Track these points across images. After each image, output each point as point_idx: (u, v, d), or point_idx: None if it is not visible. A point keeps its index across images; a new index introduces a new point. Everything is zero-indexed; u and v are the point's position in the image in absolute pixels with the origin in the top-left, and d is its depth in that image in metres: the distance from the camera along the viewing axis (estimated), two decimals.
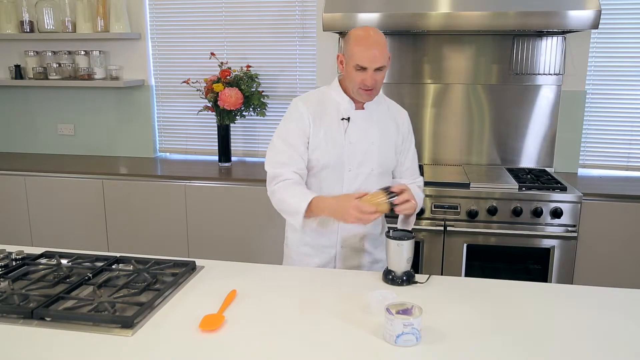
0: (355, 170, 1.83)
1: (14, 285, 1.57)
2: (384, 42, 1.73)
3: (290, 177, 1.78)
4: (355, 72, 1.73)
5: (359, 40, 1.72)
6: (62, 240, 3.17)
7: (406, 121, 1.94)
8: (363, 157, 1.83)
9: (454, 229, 2.63)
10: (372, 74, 1.72)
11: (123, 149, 3.61)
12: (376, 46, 1.71)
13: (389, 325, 1.28)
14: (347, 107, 1.83)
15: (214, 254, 2.95)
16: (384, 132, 1.86)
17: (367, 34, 1.73)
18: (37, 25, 3.42)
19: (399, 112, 1.94)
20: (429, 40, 3.07)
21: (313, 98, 1.86)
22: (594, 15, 2.48)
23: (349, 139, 1.81)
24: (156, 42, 3.46)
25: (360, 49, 1.70)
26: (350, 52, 1.73)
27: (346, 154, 1.81)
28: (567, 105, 3.04)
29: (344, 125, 1.82)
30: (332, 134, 1.81)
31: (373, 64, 1.71)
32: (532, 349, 1.26)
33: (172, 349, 1.26)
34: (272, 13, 3.28)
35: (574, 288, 1.63)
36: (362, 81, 1.73)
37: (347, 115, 1.82)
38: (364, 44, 1.71)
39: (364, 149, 1.83)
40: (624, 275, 2.64)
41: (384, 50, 1.72)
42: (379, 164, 1.85)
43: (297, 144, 1.80)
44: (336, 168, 1.82)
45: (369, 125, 1.84)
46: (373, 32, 1.74)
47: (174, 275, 1.64)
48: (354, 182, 1.83)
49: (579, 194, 2.56)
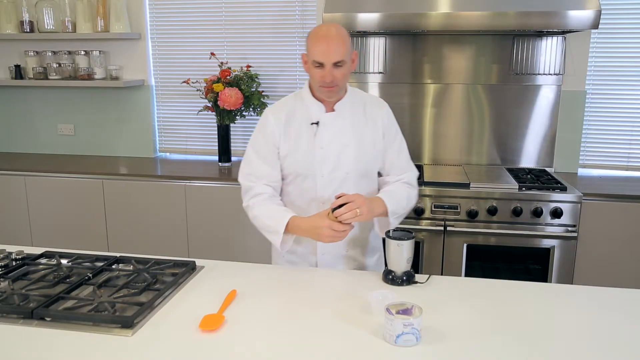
0: (327, 176, 1.77)
1: (14, 285, 1.57)
2: (342, 37, 1.67)
3: (263, 192, 1.76)
4: (315, 69, 1.69)
5: (314, 36, 1.68)
6: (62, 240, 3.16)
7: (386, 116, 1.85)
8: (336, 162, 1.77)
9: (454, 229, 2.63)
10: (330, 69, 1.67)
11: (123, 149, 3.61)
12: (332, 41, 1.65)
13: (389, 325, 1.28)
14: (317, 110, 1.78)
15: (214, 254, 2.95)
16: (360, 133, 1.79)
17: (323, 30, 1.68)
18: (37, 25, 3.42)
19: (377, 107, 1.85)
20: (429, 40, 3.07)
21: (283, 106, 1.81)
22: (594, 15, 2.48)
23: (319, 144, 1.76)
24: (156, 42, 3.46)
25: (316, 45, 1.66)
26: (309, 48, 1.70)
27: (317, 160, 1.76)
28: (567, 105, 3.04)
29: (313, 130, 1.77)
30: (301, 141, 1.77)
31: (329, 59, 1.65)
32: (532, 349, 1.26)
33: (172, 349, 1.26)
34: (272, 13, 3.28)
35: (574, 288, 1.63)
36: (321, 77, 1.68)
37: (316, 120, 1.77)
38: (320, 39, 1.66)
39: (336, 153, 1.77)
40: (624, 275, 2.64)
41: (342, 45, 1.66)
42: (356, 167, 1.79)
43: (268, 156, 1.78)
44: (308, 175, 1.78)
45: (342, 127, 1.78)
46: (331, 27, 1.69)
47: (174, 275, 1.64)
48: (327, 188, 1.78)
49: (579, 194, 2.56)
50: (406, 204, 1.81)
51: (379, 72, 3.14)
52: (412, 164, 1.92)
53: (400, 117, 3.15)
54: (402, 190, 1.82)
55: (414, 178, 1.90)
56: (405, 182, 1.86)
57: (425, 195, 2.65)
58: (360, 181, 1.81)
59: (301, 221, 1.68)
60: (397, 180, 1.86)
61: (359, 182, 1.80)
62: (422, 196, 2.65)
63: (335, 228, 1.60)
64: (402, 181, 1.85)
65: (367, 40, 3.12)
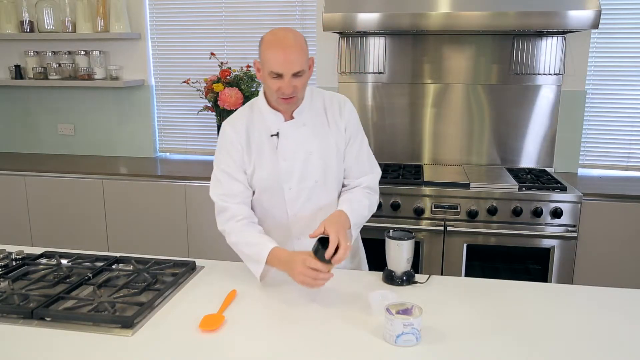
0: (295, 187, 1.69)
1: (14, 285, 1.57)
2: (301, 45, 1.54)
3: (240, 214, 1.65)
4: (271, 80, 1.55)
5: (271, 44, 1.54)
6: (62, 240, 3.17)
7: (346, 114, 1.72)
8: (303, 172, 1.68)
9: (454, 229, 2.63)
10: (289, 80, 1.54)
11: (123, 149, 3.61)
12: (291, 49, 1.52)
13: (389, 325, 1.28)
14: (275, 120, 1.67)
15: (214, 254, 2.95)
16: (323, 138, 1.69)
17: (280, 36, 1.54)
18: (37, 25, 3.42)
19: (337, 107, 1.72)
20: (429, 40, 3.07)
21: (241, 119, 1.69)
22: (594, 15, 2.48)
23: (282, 156, 1.67)
24: (156, 42, 3.46)
25: (273, 54, 1.52)
26: (264, 57, 1.55)
27: (282, 173, 1.67)
28: (567, 105, 3.04)
29: (274, 142, 1.67)
30: (264, 155, 1.67)
31: (289, 70, 1.52)
32: (532, 349, 1.26)
33: (172, 349, 1.26)
34: (272, 13, 3.28)
35: (574, 288, 1.63)
36: (279, 89, 1.56)
37: (275, 131, 1.66)
38: (277, 47, 1.52)
39: (301, 163, 1.67)
40: (624, 275, 2.64)
41: (301, 54, 1.54)
42: (323, 174, 1.69)
43: (235, 172, 1.68)
44: (275, 188, 1.69)
45: (303, 134, 1.67)
46: (288, 33, 1.55)
47: (174, 275, 1.64)
48: (297, 200, 1.70)
49: (579, 194, 2.56)
50: (367, 213, 1.72)
51: (379, 72, 3.15)
52: (373, 165, 1.80)
53: (400, 117, 3.17)
54: (364, 199, 1.71)
55: (375, 181, 1.78)
56: (365, 187, 1.74)
57: (425, 195, 2.66)
58: (330, 187, 1.73)
59: (281, 255, 1.54)
60: (356, 185, 1.75)
61: (329, 189, 1.73)
62: (422, 196, 2.66)
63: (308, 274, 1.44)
64: (362, 186, 1.74)
65: (367, 40, 3.12)
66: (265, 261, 1.55)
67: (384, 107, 3.18)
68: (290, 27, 1.51)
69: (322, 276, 1.45)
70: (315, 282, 1.45)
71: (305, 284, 1.47)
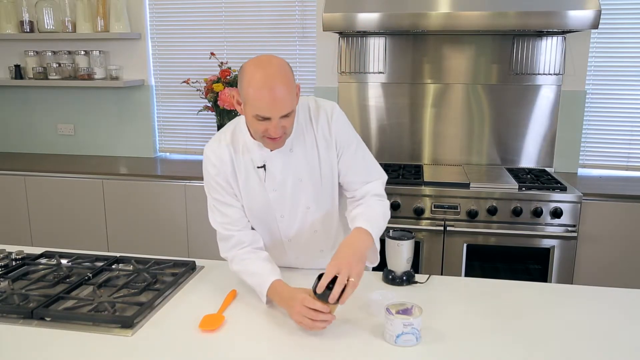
0: (288, 215, 1.60)
1: (13, 285, 1.57)
2: (288, 78, 1.35)
3: (244, 241, 1.57)
4: (257, 122, 1.38)
5: (256, 82, 1.32)
6: (62, 240, 3.16)
7: (334, 127, 1.55)
8: (293, 199, 1.58)
9: (454, 229, 2.63)
10: (277, 122, 1.36)
11: (123, 149, 3.61)
12: (280, 87, 1.32)
13: (389, 325, 1.28)
14: (260, 153, 1.53)
15: (214, 254, 2.94)
16: (312, 159, 1.55)
17: (266, 72, 1.33)
18: (37, 25, 3.42)
19: (326, 120, 1.54)
20: (429, 40, 3.07)
21: (222, 147, 1.54)
22: (594, 15, 2.48)
23: (272, 187, 1.56)
24: (156, 42, 3.46)
25: (258, 94, 1.32)
26: (247, 95, 1.35)
27: (272, 203, 1.58)
28: (567, 105, 3.04)
29: (260, 174, 1.55)
30: (250, 186, 1.56)
31: (277, 112, 1.34)
32: (531, 349, 1.26)
33: (172, 349, 1.26)
34: (272, 13, 3.28)
35: (574, 288, 1.63)
36: (266, 131, 1.38)
37: (261, 163, 1.53)
38: (263, 86, 1.32)
39: (291, 191, 1.56)
40: (623, 275, 2.64)
41: (290, 90, 1.34)
42: (315, 199, 1.59)
43: (229, 200, 1.57)
44: (267, 218, 1.61)
45: (291, 161, 1.54)
46: (273, 66, 1.34)
47: (173, 275, 1.64)
48: (291, 226, 1.63)
49: (579, 194, 2.56)
50: (383, 223, 1.57)
51: (378, 72, 3.14)
52: (375, 171, 1.65)
53: (400, 117, 3.17)
54: (377, 207, 1.58)
55: (382, 187, 1.65)
56: (374, 195, 1.61)
57: (425, 195, 2.65)
58: (325, 209, 1.63)
59: (282, 291, 1.43)
60: (362, 195, 1.60)
61: (324, 211, 1.63)
62: (422, 196, 2.65)
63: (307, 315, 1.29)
64: (370, 195, 1.60)
65: (367, 40, 3.12)
66: (265, 296, 1.46)
67: (383, 107, 3.18)
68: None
69: (321, 317, 1.29)
70: (313, 323, 1.29)
71: (302, 325, 1.32)
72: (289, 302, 1.37)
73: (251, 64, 1.37)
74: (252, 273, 1.52)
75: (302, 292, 1.36)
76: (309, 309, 1.30)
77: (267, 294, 1.46)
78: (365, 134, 3.21)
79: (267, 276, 1.48)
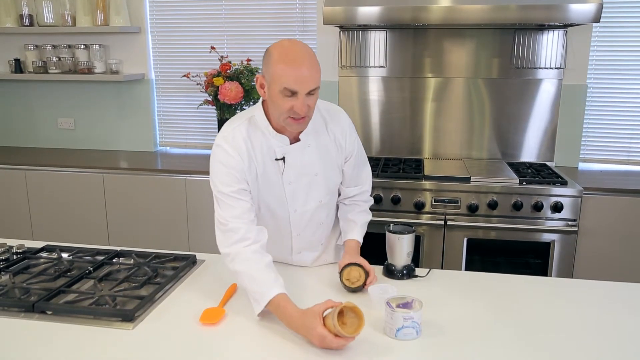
0: (300, 209, 1.63)
1: (15, 278, 1.57)
2: (315, 59, 1.42)
3: (250, 237, 1.47)
4: (283, 98, 1.41)
5: (284, 57, 1.39)
6: (62, 234, 3.17)
7: (347, 131, 1.64)
8: (308, 193, 1.61)
9: (454, 223, 2.63)
10: (303, 99, 1.40)
11: (123, 143, 3.60)
12: (307, 63, 1.39)
13: (389, 319, 1.28)
14: (279, 144, 1.54)
15: (214, 248, 2.94)
16: (326, 158, 1.61)
17: (293, 49, 1.40)
18: (36, 19, 3.41)
19: (337, 123, 1.63)
20: (429, 33, 3.06)
21: (238, 137, 1.53)
22: (595, 9, 2.47)
23: (288, 180, 1.57)
24: (156, 35, 3.45)
25: (287, 69, 1.37)
26: (274, 72, 1.40)
27: (287, 197, 1.60)
28: (568, 99, 3.03)
29: (279, 166, 1.56)
30: (268, 177, 1.56)
31: (305, 87, 1.39)
32: (531, 343, 1.27)
33: (172, 342, 1.27)
34: (273, 6, 3.27)
35: (574, 282, 1.63)
36: (292, 108, 1.41)
37: (280, 155, 1.54)
38: (292, 61, 1.38)
39: (306, 185, 1.60)
40: (624, 269, 2.64)
41: (317, 68, 1.42)
42: (327, 194, 1.66)
43: (240, 192, 1.51)
44: (278, 210, 1.62)
45: (309, 157, 1.58)
46: (300, 45, 1.42)
47: (174, 269, 1.64)
48: (301, 220, 1.66)
49: (580, 188, 2.56)
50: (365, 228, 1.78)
51: (379, 66, 3.14)
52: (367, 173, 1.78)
53: (400, 111, 3.17)
54: (366, 217, 1.77)
55: (368, 194, 1.79)
56: (364, 201, 1.77)
57: (426, 189, 2.65)
58: (331, 204, 1.73)
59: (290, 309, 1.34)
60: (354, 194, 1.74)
61: (330, 206, 1.72)
62: (423, 190, 2.65)
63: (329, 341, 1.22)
64: (364, 199, 1.77)
65: (367, 34, 3.11)
66: (265, 306, 1.37)
67: (384, 101, 3.17)
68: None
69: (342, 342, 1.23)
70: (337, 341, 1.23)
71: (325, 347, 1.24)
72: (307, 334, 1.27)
73: (278, 44, 1.43)
74: (255, 279, 1.41)
75: (314, 319, 1.25)
76: (331, 345, 1.23)
77: (267, 307, 1.37)
78: (365, 128, 3.20)
79: (271, 286, 1.38)
